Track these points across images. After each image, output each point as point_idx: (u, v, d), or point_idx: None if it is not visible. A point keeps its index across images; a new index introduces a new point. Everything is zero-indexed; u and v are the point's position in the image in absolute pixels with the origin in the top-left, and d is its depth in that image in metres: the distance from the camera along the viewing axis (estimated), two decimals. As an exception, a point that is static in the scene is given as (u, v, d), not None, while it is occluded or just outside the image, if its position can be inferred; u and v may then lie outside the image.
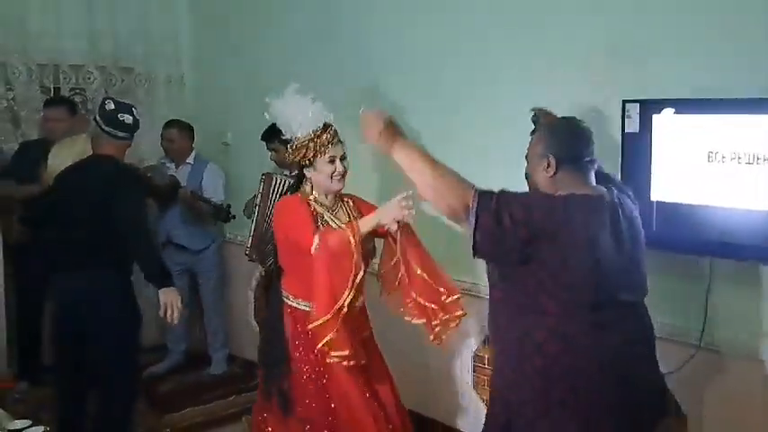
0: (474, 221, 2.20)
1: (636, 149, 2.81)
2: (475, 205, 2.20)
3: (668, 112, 2.72)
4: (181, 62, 5.42)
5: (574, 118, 2.49)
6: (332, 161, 3.02)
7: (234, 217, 4.61)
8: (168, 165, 4.86)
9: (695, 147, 2.65)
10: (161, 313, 3.40)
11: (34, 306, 4.55)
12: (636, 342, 2.36)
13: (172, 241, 4.84)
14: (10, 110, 4.78)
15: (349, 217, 3.12)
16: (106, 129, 3.49)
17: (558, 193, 2.31)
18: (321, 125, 3.03)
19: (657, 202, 2.76)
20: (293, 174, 4.00)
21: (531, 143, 2.45)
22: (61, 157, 4.06)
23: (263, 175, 4.00)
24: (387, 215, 2.89)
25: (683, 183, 2.70)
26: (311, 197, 3.09)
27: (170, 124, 4.86)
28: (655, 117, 2.75)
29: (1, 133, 4.74)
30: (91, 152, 3.60)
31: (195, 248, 4.87)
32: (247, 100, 4.76)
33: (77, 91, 5.06)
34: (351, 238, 2.83)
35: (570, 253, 2.19)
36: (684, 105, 2.70)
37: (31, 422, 3.03)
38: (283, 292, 3.13)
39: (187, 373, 4.95)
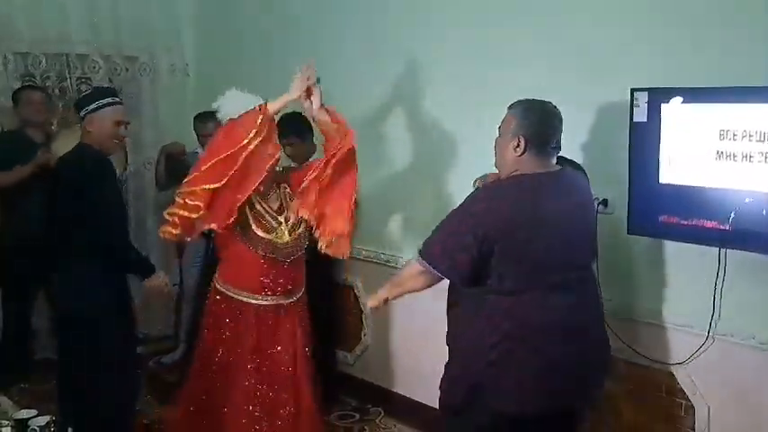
0: (433, 270, 2.48)
1: (644, 138, 2.79)
2: (428, 266, 2.48)
3: (677, 100, 2.70)
4: (185, 51, 5.39)
5: (549, 103, 2.56)
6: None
7: None
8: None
9: (704, 135, 2.63)
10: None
11: (22, 305, 4.55)
12: (586, 305, 2.55)
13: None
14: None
15: (281, 203, 3.19)
16: None
17: (516, 172, 2.48)
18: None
19: (666, 185, 2.76)
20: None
21: (504, 119, 2.56)
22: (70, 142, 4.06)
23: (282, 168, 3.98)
24: (294, 88, 2.94)
25: (692, 169, 2.68)
26: None
27: (206, 117, 4.68)
28: (663, 106, 2.73)
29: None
30: None
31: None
32: (251, 90, 4.73)
33: (83, 80, 5.02)
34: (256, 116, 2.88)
35: (517, 241, 2.39)
36: (693, 94, 2.69)
37: (36, 412, 3.05)
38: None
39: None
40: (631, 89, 2.82)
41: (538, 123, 2.49)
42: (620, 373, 3.20)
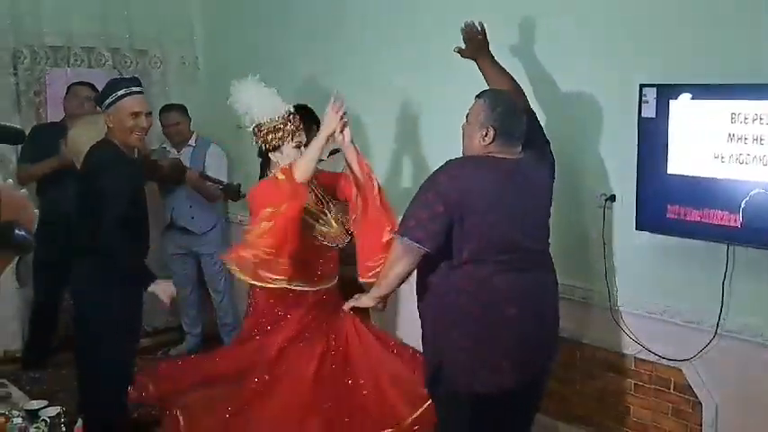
0: (411, 242, 2.51)
1: (652, 134, 2.79)
2: (407, 240, 2.52)
3: (685, 97, 2.70)
4: (195, 44, 5.40)
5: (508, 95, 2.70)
6: (298, 146, 3.14)
7: (244, 195, 4.61)
8: (169, 149, 4.83)
9: (712, 132, 2.63)
10: (161, 297, 3.31)
11: (46, 292, 4.62)
12: (539, 284, 2.67)
13: (176, 225, 4.82)
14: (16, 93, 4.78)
15: (316, 195, 3.24)
16: None
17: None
18: (287, 111, 3.15)
19: (674, 180, 2.76)
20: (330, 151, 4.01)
21: (473, 107, 2.63)
22: (83, 130, 4.08)
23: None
24: (326, 127, 2.96)
25: (700, 164, 2.68)
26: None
27: (170, 108, 4.79)
28: (672, 102, 2.72)
29: (3, 117, 4.66)
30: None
31: (200, 231, 4.85)
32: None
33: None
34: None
35: (477, 211, 2.49)
36: (702, 90, 2.68)
37: (47, 402, 3.08)
38: None
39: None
40: (640, 85, 2.81)
41: (505, 114, 2.57)
42: (627, 369, 3.21)
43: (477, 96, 2.65)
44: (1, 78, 4.65)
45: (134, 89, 3.33)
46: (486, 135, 2.56)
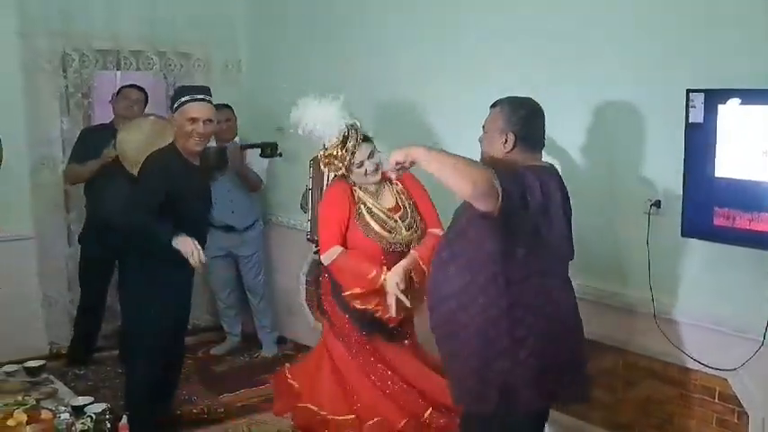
0: (502, 191, 2.28)
1: (700, 139, 2.75)
2: (497, 181, 2.29)
3: (734, 102, 2.65)
4: (238, 47, 5.47)
5: (533, 100, 2.62)
6: (360, 165, 3.23)
7: (281, 154, 4.65)
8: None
9: (762, 137, 2.58)
10: (188, 256, 3.21)
11: (93, 291, 4.71)
12: (568, 294, 2.60)
13: (216, 223, 4.85)
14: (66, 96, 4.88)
15: (396, 200, 3.32)
16: None
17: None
18: (343, 131, 3.19)
19: (721, 186, 2.71)
20: None
21: (490, 116, 2.58)
22: (130, 135, 4.17)
23: (311, 160, 4.02)
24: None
25: (749, 169, 2.63)
26: (355, 185, 3.30)
27: (219, 106, 4.85)
28: (720, 107, 2.68)
29: (51, 119, 4.81)
30: (163, 137, 3.66)
31: (240, 227, 4.89)
32: (302, 84, 4.78)
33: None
34: (370, 276, 3.14)
35: (535, 216, 2.39)
36: (751, 96, 2.63)
37: (92, 399, 3.15)
38: None
39: (241, 355, 5.02)
40: (687, 90, 2.77)
41: (525, 119, 2.52)
42: (671, 377, 3.16)
43: (493, 105, 2.61)
44: (51, 81, 4.75)
45: (197, 96, 3.40)
46: (506, 142, 2.50)
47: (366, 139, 3.28)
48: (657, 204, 3.08)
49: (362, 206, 3.27)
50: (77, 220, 4.86)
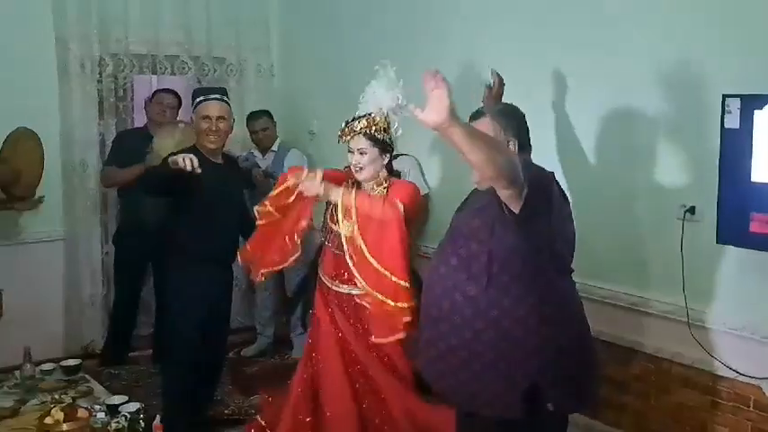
0: (524, 181, 2.23)
1: (736, 145, 2.72)
2: (521, 170, 2.23)
3: (772, 107, 2.62)
4: (270, 52, 5.52)
5: (515, 105, 2.59)
6: (350, 152, 3.14)
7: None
8: (256, 155, 4.96)
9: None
10: (181, 164, 3.19)
11: (128, 291, 4.78)
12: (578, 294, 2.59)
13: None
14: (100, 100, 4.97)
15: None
16: None
17: None
18: (360, 114, 3.08)
19: (757, 190, 2.68)
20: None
21: (485, 124, 2.44)
22: (163, 141, 4.24)
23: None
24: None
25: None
26: (351, 177, 3.22)
27: (259, 114, 4.94)
28: (757, 113, 2.65)
29: (87, 122, 4.89)
30: (187, 141, 3.72)
31: None
32: (333, 89, 4.82)
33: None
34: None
35: (555, 220, 2.39)
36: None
37: (127, 398, 3.20)
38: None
39: (272, 357, 5.06)
40: (723, 95, 2.75)
41: (519, 126, 2.52)
42: (705, 385, 3.13)
43: (477, 116, 2.50)
44: (86, 85, 4.84)
45: (211, 96, 3.55)
46: (520, 151, 2.49)
47: (372, 137, 3.08)
48: (692, 210, 3.05)
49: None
50: (114, 221, 4.95)
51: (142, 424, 2.96)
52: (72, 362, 3.64)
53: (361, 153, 3.10)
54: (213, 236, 3.51)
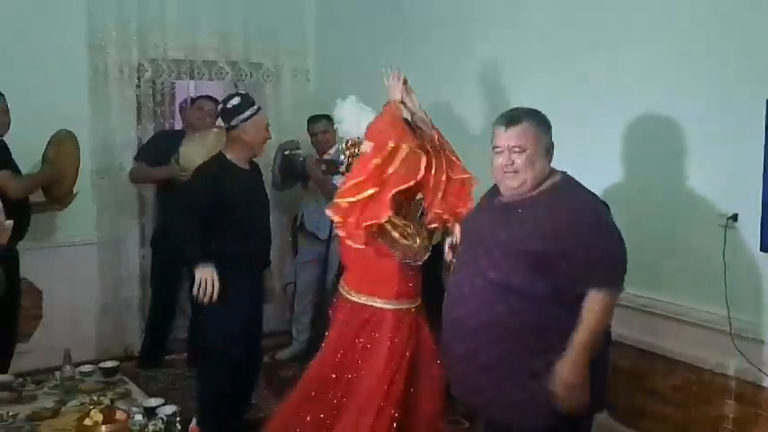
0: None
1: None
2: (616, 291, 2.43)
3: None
4: (306, 57, 5.56)
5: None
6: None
7: (343, 173, 4.66)
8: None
9: None
10: (194, 291, 3.39)
11: (164, 294, 4.83)
12: None
13: (306, 230, 4.96)
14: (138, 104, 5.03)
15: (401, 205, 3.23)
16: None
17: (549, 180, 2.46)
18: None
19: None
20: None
21: (522, 134, 2.41)
22: (193, 147, 4.28)
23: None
24: (393, 91, 3.06)
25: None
26: None
27: (319, 117, 4.89)
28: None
29: (124, 126, 4.95)
30: (219, 147, 3.72)
31: (323, 237, 4.94)
32: (368, 94, 4.81)
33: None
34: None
35: None
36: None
37: (164, 401, 3.22)
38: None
39: (307, 361, 5.03)
40: (766, 100, 2.69)
41: (550, 131, 2.50)
42: (747, 396, 3.06)
43: (515, 121, 2.43)
44: (124, 90, 4.90)
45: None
46: (551, 159, 2.48)
47: None
48: (734, 218, 2.99)
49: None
50: (151, 225, 5.01)
51: (179, 426, 2.96)
52: (110, 364, 3.67)
53: None
54: (249, 242, 3.55)
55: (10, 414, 3.07)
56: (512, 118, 2.45)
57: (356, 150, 3.23)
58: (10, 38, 4.43)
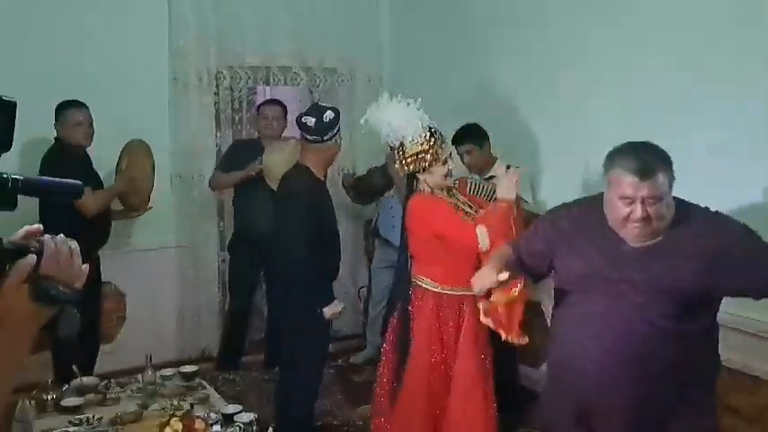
0: None
1: None
2: None
3: None
4: (381, 62, 5.55)
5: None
6: (445, 162, 3.22)
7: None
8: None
9: None
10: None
11: (241, 298, 4.91)
12: None
13: (381, 235, 4.99)
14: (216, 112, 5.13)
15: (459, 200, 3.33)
16: (300, 133, 3.60)
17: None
18: (427, 132, 3.17)
19: None
20: (487, 177, 4.00)
21: (658, 182, 2.13)
22: (274, 157, 4.35)
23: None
24: (506, 195, 3.15)
25: None
26: (439, 193, 3.28)
27: None
28: None
29: (203, 133, 5.06)
30: (296, 157, 3.75)
31: (397, 243, 4.94)
32: (442, 99, 4.79)
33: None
34: (509, 210, 3.14)
35: None
36: None
37: (241, 408, 3.27)
38: (423, 278, 3.32)
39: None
40: None
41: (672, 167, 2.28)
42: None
43: (649, 173, 2.11)
44: (203, 98, 5.00)
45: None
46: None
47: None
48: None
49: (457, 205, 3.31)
50: (230, 229, 5.10)
51: (255, 436, 3.01)
52: (189, 368, 3.76)
53: (451, 157, 3.30)
54: (340, 254, 3.69)
55: (95, 417, 3.17)
56: (646, 170, 2.12)
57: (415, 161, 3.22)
58: (93, 50, 4.58)
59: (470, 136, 4.11)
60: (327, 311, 3.50)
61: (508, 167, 4.06)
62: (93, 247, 4.10)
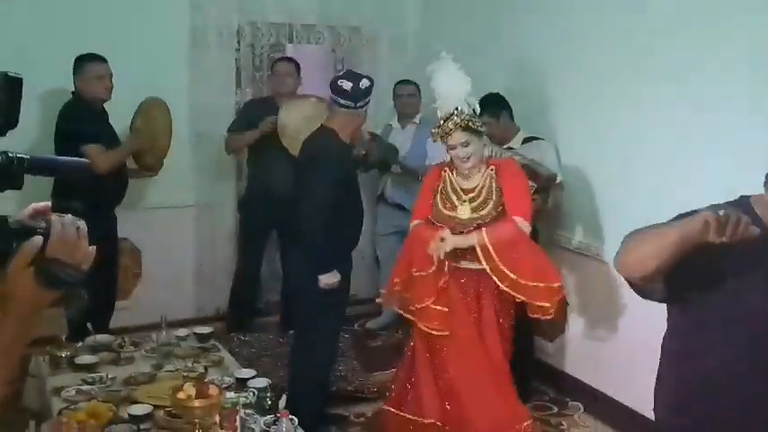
0: None
1: None
2: None
3: None
4: (406, 23, 5.41)
5: None
6: (452, 148, 3.17)
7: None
8: (395, 126, 4.89)
9: None
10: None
11: (252, 257, 4.86)
12: None
13: (389, 201, 4.90)
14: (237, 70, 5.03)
15: (480, 182, 3.23)
16: (331, 96, 3.49)
17: None
18: (450, 110, 3.13)
19: None
20: (506, 147, 3.91)
21: None
22: (292, 115, 4.26)
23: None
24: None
25: None
26: (448, 166, 3.32)
27: (409, 81, 4.84)
28: None
29: (223, 91, 4.96)
30: (321, 119, 3.66)
31: (410, 206, 4.87)
32: (466, 63, 4.66)
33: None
34: (432, 242, 3.12)
35: None
36: None
37: (255, 372, 3.24)
38: None
39: (396, 331, 5.01)
40: None
41: None
42: None
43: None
44: (223, 54, 4.90)
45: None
46: None
47: (467, 128, 3.13)
48: None
49: (442, 189, 3.29)
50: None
51: (269, 402, 2.98)
52: (204, 329, 3.73)
53: (464, 145, 3.16)
54: (362, 219, 3.64)
55: (109, 377, 3.16)
56: None
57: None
58: (110, 1, 4.49)
59: (486, 107, 3.96)
60: (322, 279, 3.43)
61: (528, 140, 3.98)
62: (109, 206, 4.06)
